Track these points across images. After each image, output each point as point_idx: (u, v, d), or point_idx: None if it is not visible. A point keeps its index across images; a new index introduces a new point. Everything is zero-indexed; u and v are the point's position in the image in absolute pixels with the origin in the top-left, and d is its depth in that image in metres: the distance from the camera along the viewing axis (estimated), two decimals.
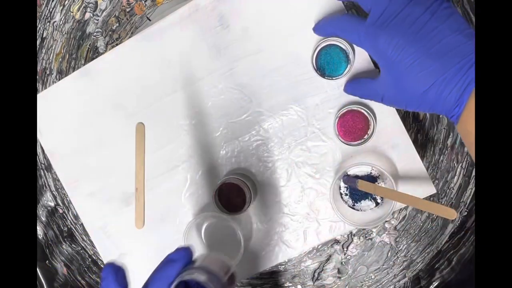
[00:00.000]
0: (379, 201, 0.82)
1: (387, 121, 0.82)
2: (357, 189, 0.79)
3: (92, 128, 0.91)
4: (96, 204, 0.92)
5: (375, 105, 0.82)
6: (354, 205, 0.83)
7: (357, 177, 0.82)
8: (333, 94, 0.83)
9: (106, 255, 0.92)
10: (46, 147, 0.92)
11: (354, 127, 0.80)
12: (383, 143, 0.82)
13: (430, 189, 0.82)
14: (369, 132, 0.80)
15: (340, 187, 0.83)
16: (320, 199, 0.86)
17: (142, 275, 0.92)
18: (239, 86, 0.86)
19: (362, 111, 0.79)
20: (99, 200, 0.92)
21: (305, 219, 0.86)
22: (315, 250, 0.93)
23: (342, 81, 0.81)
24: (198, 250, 0.86)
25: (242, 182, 0.80)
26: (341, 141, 0.80)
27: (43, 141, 0.92)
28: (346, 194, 0.83)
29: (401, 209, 0.92)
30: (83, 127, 0.91)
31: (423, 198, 0.77)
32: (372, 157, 0.83)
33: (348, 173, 0.82)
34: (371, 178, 0.81)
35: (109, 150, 0.91)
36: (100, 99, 0.90)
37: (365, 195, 0.82)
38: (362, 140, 0.80)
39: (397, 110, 0.82)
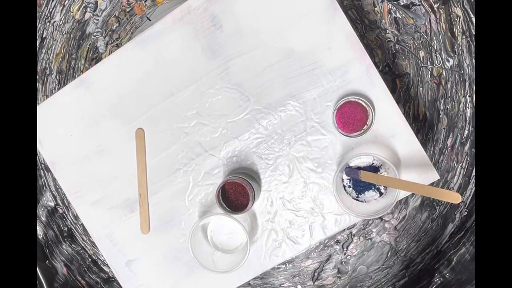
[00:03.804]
0: (382, 191, 0.82)
1: (385, 111, 0.82)
2: (360, 180, 0.79)
3: (92, 137, 0.91)
4: (101, 213, 0.92)
5: (373, 95, 0.82)
6: (358, 196, 0.83)
7: (359, 168, 0.81)
8: (330, 87, 0.83)
9: (113, 262, 0.93)
10: (47, 158, 0.93)
11: (353, 118, 0.79)
12: (383, 132, 0.83)
13: (433, 176, 0.82)
14: (368, 122, 0.80)
15: (343, 180, 0.83)
16: (324, 193, 0.86)
17: (152, 280, 0.93)
18: (235, 85, 0.86)
19: (360, 102, 0.79)
20: (103, 209, 0.92)
21: (310, 214, 0.86)
22: (315, 250, 0.93)
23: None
24: (204, 252, 0.86)
25: (245, 180, 0.80)
26: (341, 133, 0.80)
27: (44, 152, 0.92)
28: (349, 186, 0.83)
29: (401, 209, 0.91)
30: (82, 136, 0.91)
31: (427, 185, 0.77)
32: (373, 147, 0.83)
33: (350, 165, 0.82)
34: (373, 169, 0.81)
35: (110, 157, 0.91)
36: (98, 108, 0.90)
37: (369, 186, 0.82)
38: (362, 131, 0.80)
39: (395, 100, 0.82)
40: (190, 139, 0.88)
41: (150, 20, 0.92)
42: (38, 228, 1.00)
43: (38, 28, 0.93)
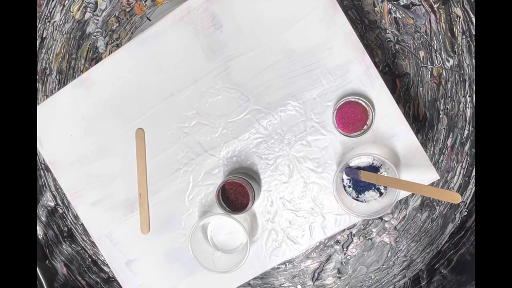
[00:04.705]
0: (382, 191, 0.82)
1: (385, 111, 0.82)
2: (360, 180, 0.79)
3: (92, 137, 0.91)
4: (101, 213, 0.92)
5: (373, 95, 0.82)
6: (358, 196, 0.83)
7: (359, 168, 0.81)
8: (330, 87, 0.83)
9: (113, 262, 0.93)
10: (47, 158, 0.93)
11: (352, 118, 0.79)
12: (383, 132, 0.83)
13: (433, 176, 0.82)
14: (368, 122, 0.79)
15: (343, 180, 0.83)
16: (324, 193, 0.86)
17: (152, 280, 0.93)
18: (235, 85, 0.86)
19: (360, 101, 0.79)
20: (103, 209, 0.92)
21: (310, 214, 0.86)
22: (315, 250, 0.93)
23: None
24: (204, 252, 0.87)
25: (245, 180, 0.80)
26: (341, 133, 0.80)
27: (44, 152, 0.93)
28: (349, 186, 0.83)
29: (401, 209, 0.91)
30: (82, 136, 0.91)
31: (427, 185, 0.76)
32: (373, 147, 0.83)
33: (350, 165, 0.82)
34: (373, 169, 0.81)
35: (110, 158, 0.91)
36: (98, 108, 0.90)
37: (369, 186, 0.82)
38: (362, 131, 0.80)
39: (395, 100, 0.82)
40: (190, 139, 0.88)
41: (150, 20, 0.92)
42: (38, 228, 1.00)
43: (38, 28, 0.93)
